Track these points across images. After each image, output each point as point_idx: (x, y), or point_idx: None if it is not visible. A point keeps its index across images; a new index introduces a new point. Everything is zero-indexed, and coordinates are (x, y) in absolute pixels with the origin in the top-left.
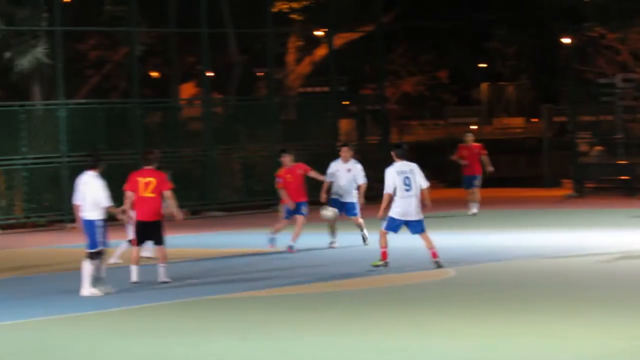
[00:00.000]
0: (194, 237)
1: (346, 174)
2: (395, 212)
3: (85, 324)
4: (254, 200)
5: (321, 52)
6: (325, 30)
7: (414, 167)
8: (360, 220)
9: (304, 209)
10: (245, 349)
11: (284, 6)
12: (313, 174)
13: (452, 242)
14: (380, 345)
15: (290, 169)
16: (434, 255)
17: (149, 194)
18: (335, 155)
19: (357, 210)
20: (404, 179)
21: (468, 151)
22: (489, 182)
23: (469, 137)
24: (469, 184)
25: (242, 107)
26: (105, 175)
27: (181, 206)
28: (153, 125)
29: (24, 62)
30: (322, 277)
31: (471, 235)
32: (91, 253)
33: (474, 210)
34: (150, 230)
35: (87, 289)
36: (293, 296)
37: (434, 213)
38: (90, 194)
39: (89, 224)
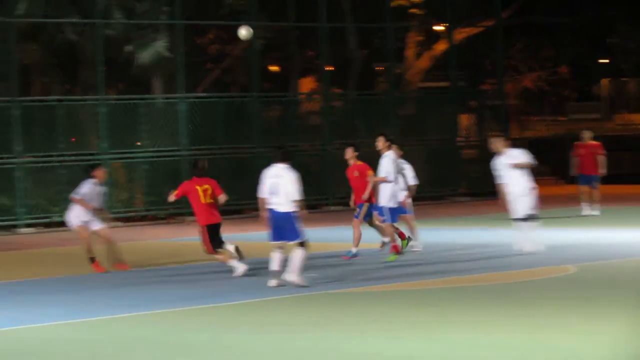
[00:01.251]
0: (312, 232)
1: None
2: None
3: (204, 317)
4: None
5: (441, 46)
6: (445, 25)
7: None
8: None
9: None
10: (363, 344)
11: (404, 1)
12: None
13: (572, 239)
14: (499, 342)
15: (355, 167)
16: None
17: (208, 200)
18: (453, 151)
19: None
20: None
21: (585, 150)
22: (610, 179)
23: (587, 135)
24: (585, 182)
25: (360, 102)
26: (225, 169)
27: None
28: (272, 119)
29: (145, 56)
30: (441, 273)
31: (592, 232)
32: (300, 243)
33: (595, 212)
34: (217, 231)
35: (294, 277)
36: (411, 291)
37: (553, 209)
38: (284, 186)
39: (285, 216)
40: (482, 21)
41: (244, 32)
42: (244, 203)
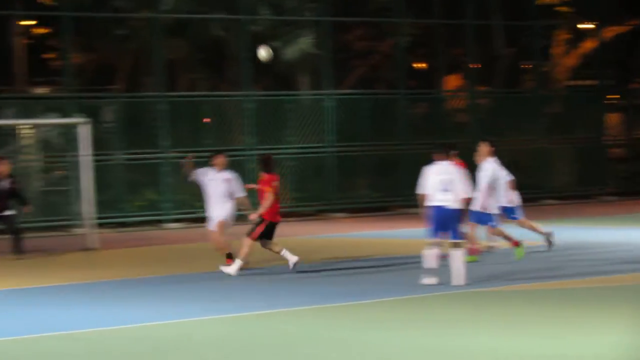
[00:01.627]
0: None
1: None
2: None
3: (353, 314)
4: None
5: (589, 45)
6: (593, 23)
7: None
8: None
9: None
10: (517, 343)
11: None
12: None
13: None
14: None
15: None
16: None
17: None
18: (600, 149)
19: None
20: None
21: None
22: None
23: None
24: None
25: (507, 100)
26: (370, 166)
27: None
28: (417, 116)
29: (291, 52)
30: (592, 273)
31: None
32: (457, 243)
33: None
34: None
35: (461, 280)
36: (563, 290)
37: None
38: (454, 184)
39: (453, 213)
40: (630, 19)
41: (263, 53)
42: (389, 200)
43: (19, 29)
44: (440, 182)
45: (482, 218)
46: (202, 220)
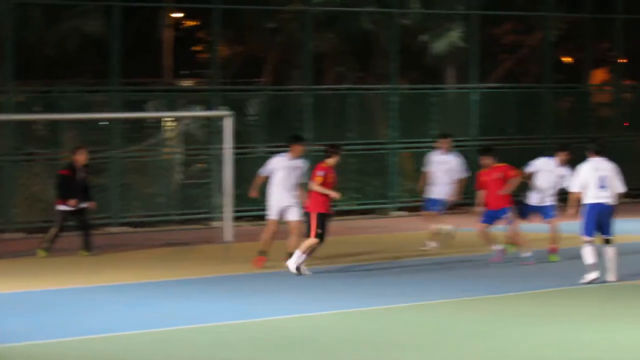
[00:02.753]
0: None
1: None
2: None
3: (482, 307)
4: None
5: None
6: None
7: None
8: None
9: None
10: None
11: None
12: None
13: None
14: None
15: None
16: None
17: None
18: None
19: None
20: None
21: None
22: None
23: None
24: None
25: None
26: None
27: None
28: (563, 110)
29: (439, 46)
30: None
31: None
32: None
33: None
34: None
35: (613, 276)
36: None
37: None
38: (611, 180)
39: (611, 210)
40: None
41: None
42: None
43: (168, 20)
44: (598, 179)
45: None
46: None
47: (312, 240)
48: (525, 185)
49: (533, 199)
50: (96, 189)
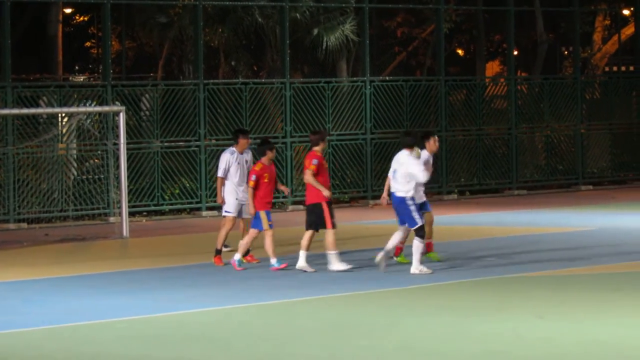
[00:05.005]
0: (494, 215)
1: None
2: None
3: (388, 300)
4: (556, 179)
5: (629, 30)
6: (632, 8)
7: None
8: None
9: None
10: (541, 328)
11: None
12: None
13: None
14: None
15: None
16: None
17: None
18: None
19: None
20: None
21: None
22: None
23: None
24: None
25: (546, 86)
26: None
27: (483, 184)
28: (457, 102)
29: (332, 39)
30: (622, 257)
31: None
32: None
33: None
34: None
35: (415, 268)
36: (591, 276)
37: None
38: (401, 172)
39: (399, 200)
40: None
41: None
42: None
43: (59, 16)
44: (393, 171)
45: None
46: None
47: (333, 233)
48: None
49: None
50: None
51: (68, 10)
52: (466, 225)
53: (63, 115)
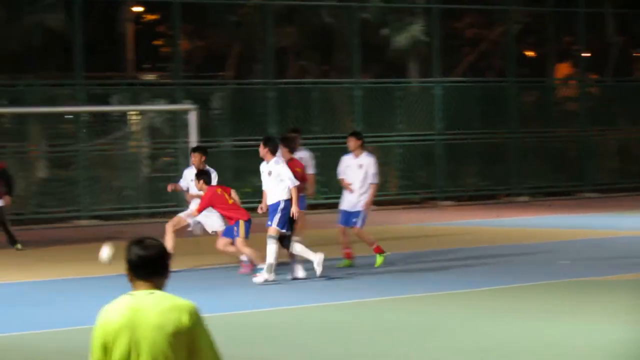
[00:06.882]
0: (566, 218)
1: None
2: None
3: (455, 302)
4: (629, 182)
5: None
6: None
7: None
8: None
9: None
10: (614, 332)
11: None
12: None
13: None
14: None
15: None
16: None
17: None
18: None
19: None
20: None
21: None
22: None
23: None
24: None
25: (618, 88)
26: (479, 154)
27: (554, 187)
28: (527, 104)
29: (401, 40)
30: None
31: None
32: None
33: None
34: None
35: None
36: None
37: None
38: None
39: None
40: None
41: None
42: (498, 188)
43: (129, 15)
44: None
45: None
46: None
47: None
48: None
49: None
50: (64, 182)
51: (138, 9)
52: (538, 227)
53: (134, 113)
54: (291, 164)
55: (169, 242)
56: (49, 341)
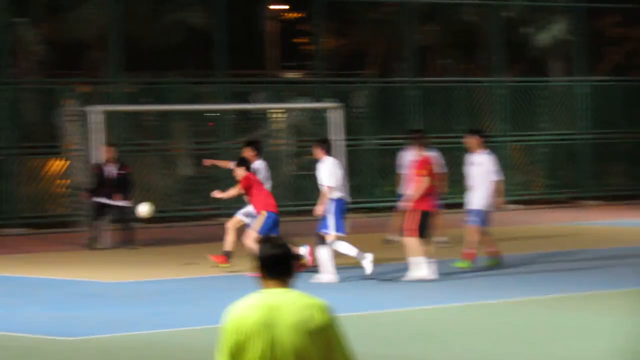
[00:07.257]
0: None
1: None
2: None
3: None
4: None
5: None
6: None
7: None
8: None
9: None
10: None
11: None
12: None
13: None
14: None
15: None
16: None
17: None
18: None
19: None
20: None
21: None
22: None
23: None
24: None
25: None
26: (625, 153)
27: None
28: None
29: (544, 38)
30: None
31: None
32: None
33: None
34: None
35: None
36: None
37: None
38: None
39: None
40: None
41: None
42: None
43: (270, 13)
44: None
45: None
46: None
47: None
48: None
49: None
50: (207, 179)
51: (279, 7)
52: None
53: (277, 111)
54: (423, 161)
55: (229, 241)
56: (197, 339)
